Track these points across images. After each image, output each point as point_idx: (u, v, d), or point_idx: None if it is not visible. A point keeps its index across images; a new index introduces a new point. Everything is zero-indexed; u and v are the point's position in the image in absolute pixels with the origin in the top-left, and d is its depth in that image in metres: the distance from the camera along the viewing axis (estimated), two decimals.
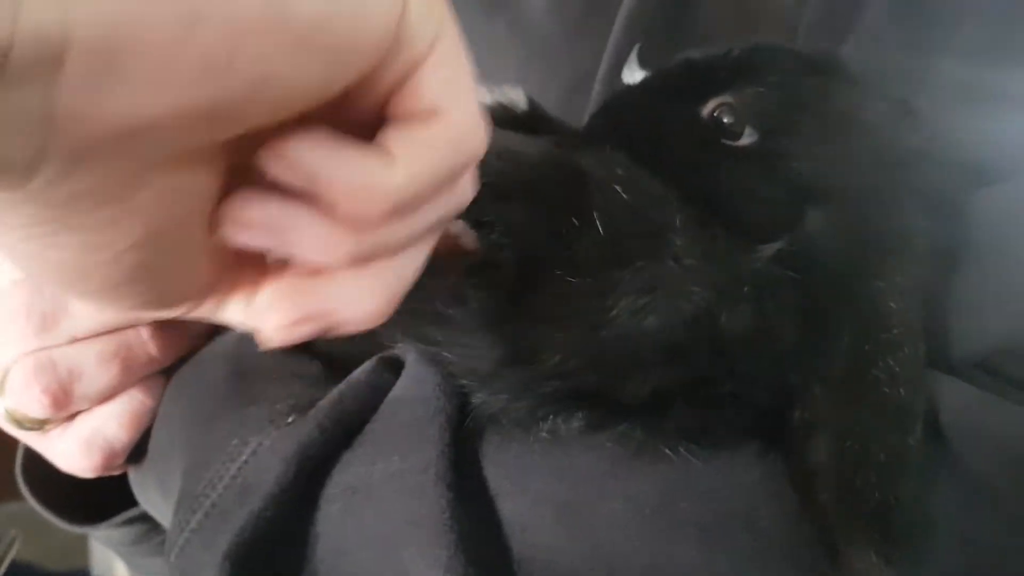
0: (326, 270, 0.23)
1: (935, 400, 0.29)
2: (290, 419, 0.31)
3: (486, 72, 0.54)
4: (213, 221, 0.21)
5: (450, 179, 0.23)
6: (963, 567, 0.28)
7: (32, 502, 0.47)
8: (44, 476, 0.47)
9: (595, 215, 0.31)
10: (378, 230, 0.22)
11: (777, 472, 0.30)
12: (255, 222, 0.21)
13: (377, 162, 0.21)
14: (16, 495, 0.46)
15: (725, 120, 0.34)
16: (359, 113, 0.21)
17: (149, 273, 0.21)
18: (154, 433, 0.36)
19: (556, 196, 0.32)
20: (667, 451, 0.30)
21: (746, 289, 0.29)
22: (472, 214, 0.32)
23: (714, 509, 0.29)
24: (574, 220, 0.31)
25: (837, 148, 0.32)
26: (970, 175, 0.34)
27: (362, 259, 0.23)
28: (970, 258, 0.32)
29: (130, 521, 0.47)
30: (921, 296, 0.30)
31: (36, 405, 0.34)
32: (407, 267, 0.25)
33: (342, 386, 0.32)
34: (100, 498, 0.47)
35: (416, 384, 0.32)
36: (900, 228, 0.31)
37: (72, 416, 0.36)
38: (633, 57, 0.45)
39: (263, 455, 0.30)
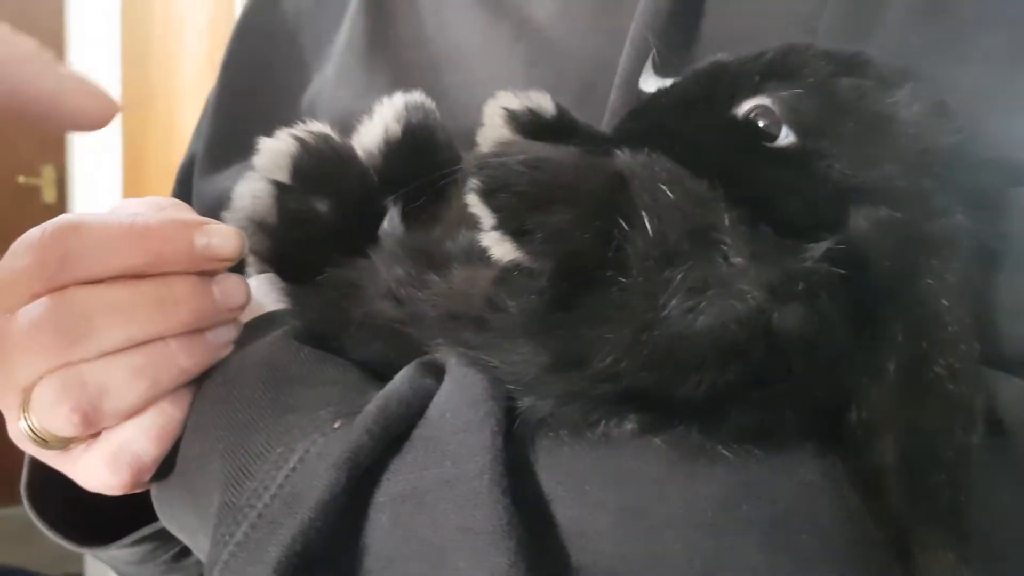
0: None
1: (992, 397, 0.29)
2: (336, 425, 0.30)
3: (491, 77, 0.54)
4: None
5: None
6: None
7: (37, 522, 0.45)
8: (43, 493, 0.45)
9: (643, 215, 0.31)
10: None
11: (835, 472, 0.30)
12: None
13: None
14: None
15: (761, 123, 0.34)
16: None
17: None
18: (184, 446, 0.35)
19: (599, 199, 0.32)
20: (725, 452, 0.29)
21: (800, 287, 0.29)
22: (510, 224, 0.32)
23: (775, 510, 0.29)
24: (621, 222, 0.31)
25: (877, 148, 0.33)
26: (1005, 173, 0.34)
27: None
28: (1014, 256, 0.33)
29: (139, 540, 0.46)
30: (969, 294, 0.30)
31: (65, 423, 0.32)
32: None
33: (387, 391, 0.31)
34: (99, 515, 0.45)
35: (462, 388, 0.31)
36: (944, 227, 0.32)
37: (97, 431, 0.34)
38: (649, 64, 0.45)
39: (311, 462, 0.29)
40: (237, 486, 0.31)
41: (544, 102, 0.40)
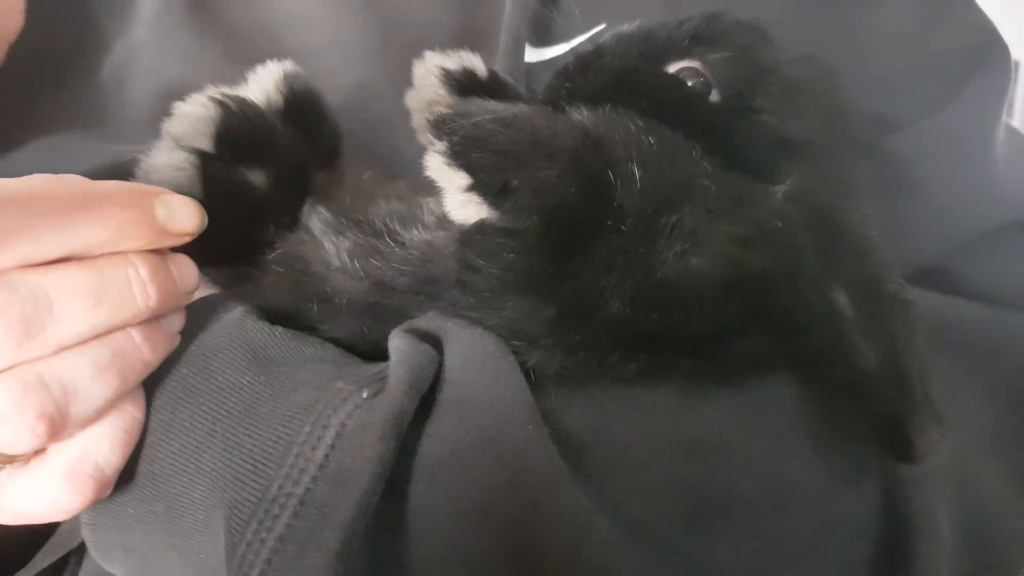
0: None
1: None
2: (365, 395, 0.28)
3: (338, 41, 0.52)
4: None
5: None
6: None
7: None
8: None
9: (633, 167, 0.32)
10: None
11: (802, 387, 0.34)
12: None
13: None
14: None
15: (689, 83, 0.37)
16: None
17: None
18: (152, 450, 0.30)
19: (579, 153, 0.33)
20: (732, 379, 0.32)
21: (778, 225, 0.32)
22: (491, 183, 0.32)
23: (776, 423, 0.32)
24: (610, 174, 0.32)
25: (799, 108, 0.37)
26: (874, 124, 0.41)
27: None
28: (892, 191, 0.39)
29: None
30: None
31: (27, 436, 0.26)
32: None
33: (403, 357, 0.29)
34: None
35: (475, 346, 0.31)
36: (854, 171, 0.37)
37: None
38: (526, 35, 0.47)
39: (354, 434, 0.27)
40: (253, 479, 0.27)
41: (476, 61, 0.39)
